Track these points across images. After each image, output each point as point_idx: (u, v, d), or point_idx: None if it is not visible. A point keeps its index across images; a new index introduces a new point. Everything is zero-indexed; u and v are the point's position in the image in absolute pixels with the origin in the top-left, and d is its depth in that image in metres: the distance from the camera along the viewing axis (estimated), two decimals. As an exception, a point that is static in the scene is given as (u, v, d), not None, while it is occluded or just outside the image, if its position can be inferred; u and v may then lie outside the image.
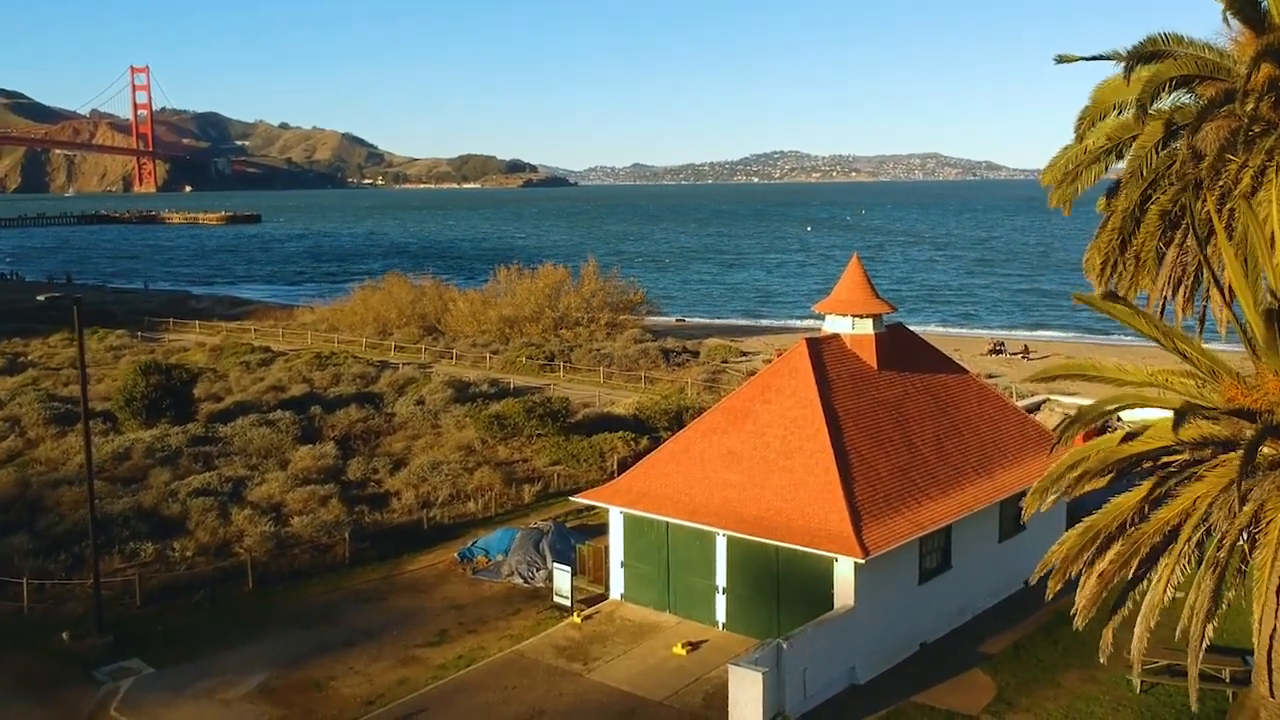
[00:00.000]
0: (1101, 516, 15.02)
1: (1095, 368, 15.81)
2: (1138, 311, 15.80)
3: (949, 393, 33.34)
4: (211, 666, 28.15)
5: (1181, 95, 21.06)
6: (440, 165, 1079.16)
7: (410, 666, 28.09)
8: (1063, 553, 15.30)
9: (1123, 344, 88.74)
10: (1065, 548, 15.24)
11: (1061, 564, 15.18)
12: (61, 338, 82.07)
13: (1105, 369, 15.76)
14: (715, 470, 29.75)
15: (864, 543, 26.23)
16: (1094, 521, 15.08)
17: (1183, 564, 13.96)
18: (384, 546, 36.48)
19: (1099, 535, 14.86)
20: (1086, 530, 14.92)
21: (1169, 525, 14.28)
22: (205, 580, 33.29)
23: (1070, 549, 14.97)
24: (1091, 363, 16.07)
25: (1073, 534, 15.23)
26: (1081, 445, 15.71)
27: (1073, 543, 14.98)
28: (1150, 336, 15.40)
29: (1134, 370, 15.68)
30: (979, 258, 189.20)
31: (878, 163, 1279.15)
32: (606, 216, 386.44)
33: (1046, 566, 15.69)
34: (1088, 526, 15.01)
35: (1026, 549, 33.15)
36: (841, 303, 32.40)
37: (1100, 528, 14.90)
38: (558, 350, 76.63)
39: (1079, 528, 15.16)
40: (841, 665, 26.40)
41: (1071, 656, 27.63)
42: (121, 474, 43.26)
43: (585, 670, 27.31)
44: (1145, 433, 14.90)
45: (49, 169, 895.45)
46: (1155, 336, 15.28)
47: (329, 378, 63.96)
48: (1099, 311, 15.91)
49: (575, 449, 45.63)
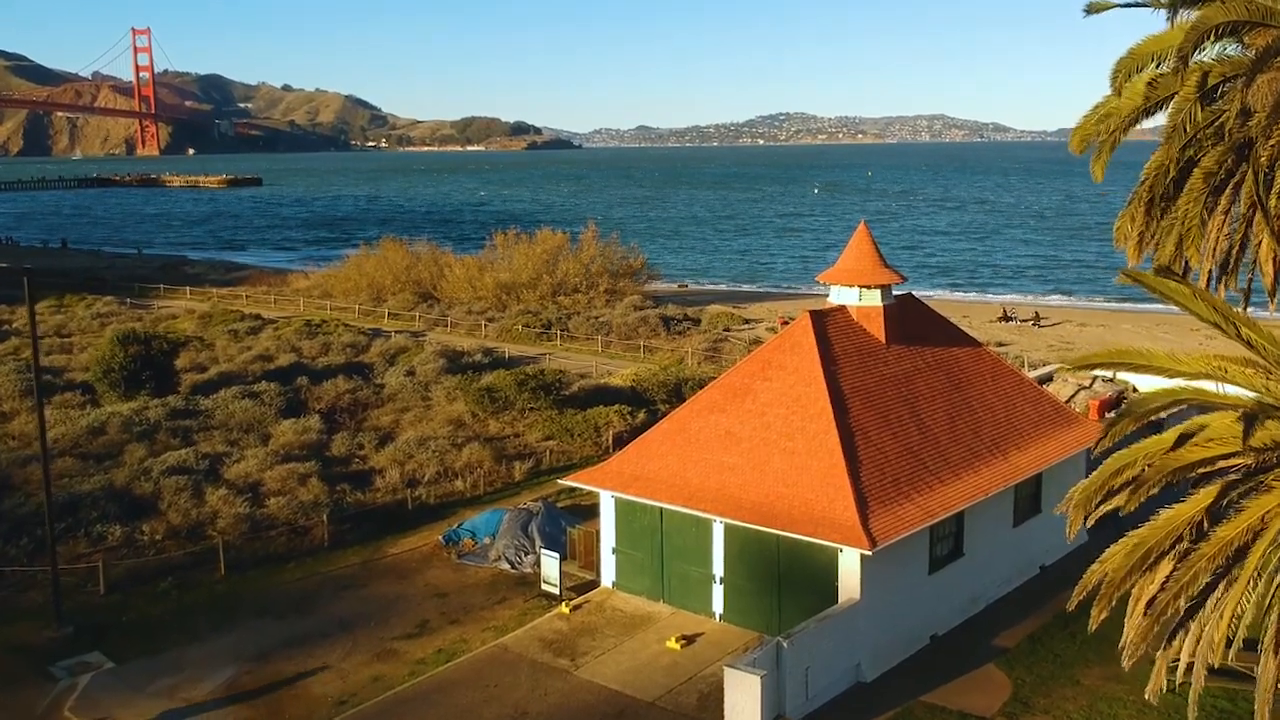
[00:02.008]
0: (1152, 532, 12.91)
1: (1143, 356, 13.79)
2: (1197, 292, 13.78)
3: (961, 368, 31.37)
4: (176, 661, 26.46)
5: (1228, 45, 18.96)
6: (444, 128, 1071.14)
7: (387, 661, 26.39)
8: (1104, 572, 13.27)
9: (1138, 311, 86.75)
10: (1108, 567, 13.18)
11: (1106, 589, 13.12)
12: (47, 305, 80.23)
13: (1155, 358, 13.75)
14: (712, 452, 27.87)
15: (871, 532, 24.38)
16: (1143, 538, 12.99)
17: (1250, 591, 11.99)
18: (365, 528, 34.74)
19: (1150, 554, 12.85)
20: (1136, 548, 12.89)
21: (1234, 545, 12.32)
22: (174, 566, 31.57)
23: (1116, 570, 12.93)
24: (1139, 350, 14.05)
25: (1118, 551, 13.14)
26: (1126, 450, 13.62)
27: (1119, 563, 12.92)
28: (1210, 321, 13.40)
29: (1188, 360, 13.67)
30: (987, 221, 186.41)
31: (884, 124, 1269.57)
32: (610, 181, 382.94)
33: (1086, 588, 13.65)
34: (1137, 544, 12.93)
35: (1042, 533, 31.43)
36: (848, 272, 30.36)
37: (1151, 545, 12.87)
38: (555, 318, 74.64)
39: (1126, 544, 13.09)
40: (846, 663, 24.65)
41: (1091, 651, 25.87)
42: (96, 449, 41.53)
43: (573, 667, 25.57)
44: (1202, 433, 12.89)
45: (51, 132, 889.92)
46: (1215, 320, 13.28)
47: (318, 347, 62.12)
48: (1150, 291, 13.96)
49: (569, 423, 43.81)
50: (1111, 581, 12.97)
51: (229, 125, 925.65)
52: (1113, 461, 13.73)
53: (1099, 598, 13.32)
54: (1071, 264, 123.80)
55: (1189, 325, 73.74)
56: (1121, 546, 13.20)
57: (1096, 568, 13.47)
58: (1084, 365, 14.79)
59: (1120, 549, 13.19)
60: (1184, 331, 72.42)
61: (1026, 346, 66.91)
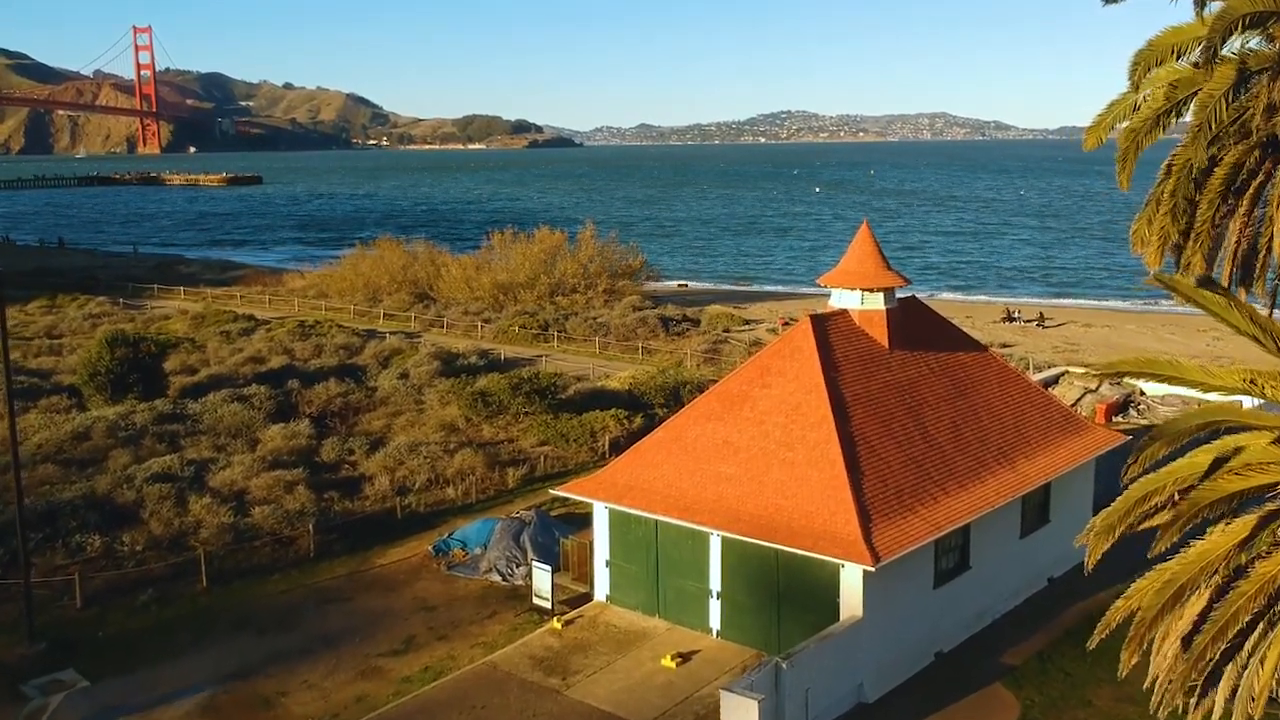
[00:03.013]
0: (1184, 568, 11.77)
1: (1174, 367, 12.73)
2: (1235, 302, 12.72)
3: (967, 373, 30.35)
4: (152, 679, 25.48)
5: (1250, 38, 17.93)
6: (445, 126, 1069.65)
7: (371, 680, 25.39)
8: (1131, 609, 12.18)
9: (1143, 311, 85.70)
10: (1132, 604, 12.08)
11: (1136, 629, 11.99)
12: (39, 305, 79.23)
13: (1187, 370, 12.69)
14: (709, 462, 26.84)
15: (874, 547, 23.36)
16: (1174, 574, 11.85)
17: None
18: (353, 538, 33.73)
19: (1182, 592, 11.76)
20: (1167, 585, 11.78)
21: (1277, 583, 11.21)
22: (155, 578, 30.53)
23: (1146, 608, 11.80)
24: (1169, 360, 12.96)
25: (1146, 588, 12.02)
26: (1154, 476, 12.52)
27: (1149, 600, 11.81)
28: (1248, 333, 12.35)
29: (1221, 373, 12.63)
30: (990, 221, 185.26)
31: (886, 122, 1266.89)
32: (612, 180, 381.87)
33: (1110, 626, 12.57)
34: (1167, 580, 11.80)
35: (1050, 543, 30.44)
36: (850, 275, 29.32)
37: (1184, 583, 11.78)
38: (552, 319, 73.58)
39: (1155, 579, 12.00)
40: (848, 683, 23.66)
41: (1102, 670, 24.81)
42: (80, 455, 40.53)
43: (564, 686, 24.57)
44: (1238, 457, 11.81)
45: (52, 130, 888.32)
46: (1253, 333, 12.22)
47: (311, 349, 61.07)
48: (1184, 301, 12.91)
49: (564, 428, 42.78)
50: (1142, 621, 11.88)
51: (230, 124, 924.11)
52: (1138, 488, 12.65)
53: (1129, 640, 12.22)
54: (1074, 263, 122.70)
55: (1196, 326, 72.69)
56: (1150, 581, 12.12)
57: (1122, 604, 12.39)
58: (1112, 372, 13.73)
59: (1149, 584, 12.10)
60: (1191, 332, 71.37)
61: (1031, 348, 65.84)
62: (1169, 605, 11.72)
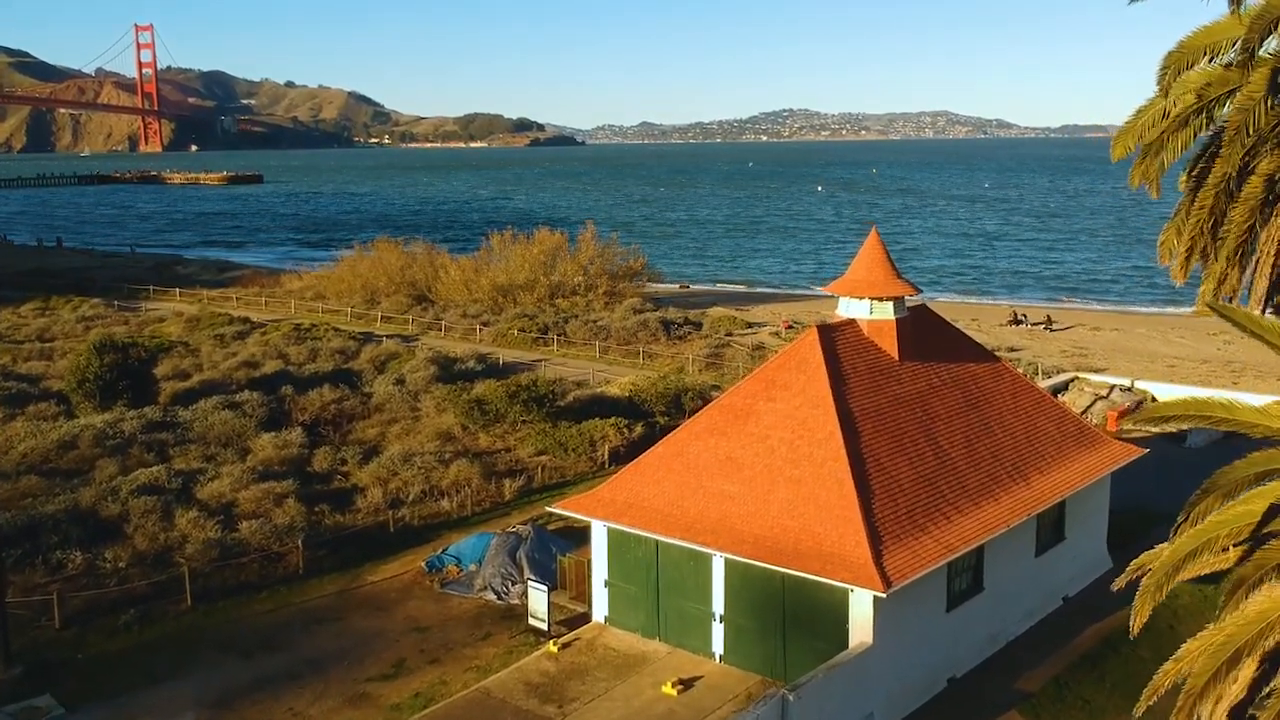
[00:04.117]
0: (1241, 628, 10.68)
1: (1226, 408, 11.61)
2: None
3: (979, 385, 29.25)
4: (130, 706, 24.42)
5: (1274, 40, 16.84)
6: (447, 124, 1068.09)
7: (359, 707, 24.34)
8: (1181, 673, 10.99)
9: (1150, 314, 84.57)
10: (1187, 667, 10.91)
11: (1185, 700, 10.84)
12: (33, 308, 78.21)
13: (1239, 412, 11.59)
14: (712, 479, 25.76)
15: (884, 571, 22.28)
16: (1231, 634, 10.72)
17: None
18: (345, 553, 32.65)
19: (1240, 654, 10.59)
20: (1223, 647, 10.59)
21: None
22: (137, 597, 29.43)
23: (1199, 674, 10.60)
24: (1221, 402, 11.85)
25: (1199, 650, 10.85)
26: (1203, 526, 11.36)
27: (1202, 665, 10.66)
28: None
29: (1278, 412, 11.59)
30: (992, 221, 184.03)
31: (888, 121, 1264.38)
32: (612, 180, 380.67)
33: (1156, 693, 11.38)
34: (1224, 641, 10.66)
35: (1066, 561, 29.38)
36: (858, 283, 28.20)
37: (1242, 644, 10.62)
38: (552, 322, 72.49)
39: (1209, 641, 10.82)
40: (857, 713, 22.59)
41: (1121, 698, 23.73)
42: (66, 465, 39.51)
43: (560, 714, 23.48)
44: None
45: (54, 128, 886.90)
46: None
47: (306, 353, 59.98)
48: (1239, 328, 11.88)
49: (563, 437, 41.70)
50: (1192, 690, 10.76)
51: (232, 122, 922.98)
52: (1188, 540, 11.53)
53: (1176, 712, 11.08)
54: (1080, 265, 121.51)
55: (1206, 329, 71.57)
56: (1202, 644, 10.95)
57: (1170, 666, 11.23)
58: (1158, 417, 12.63)
59: (1202, 647, 10.93)
60: (1201, 336, 70.29)
61: (1039, 352, 64.70)
62: (1224, 671, 10.61)
